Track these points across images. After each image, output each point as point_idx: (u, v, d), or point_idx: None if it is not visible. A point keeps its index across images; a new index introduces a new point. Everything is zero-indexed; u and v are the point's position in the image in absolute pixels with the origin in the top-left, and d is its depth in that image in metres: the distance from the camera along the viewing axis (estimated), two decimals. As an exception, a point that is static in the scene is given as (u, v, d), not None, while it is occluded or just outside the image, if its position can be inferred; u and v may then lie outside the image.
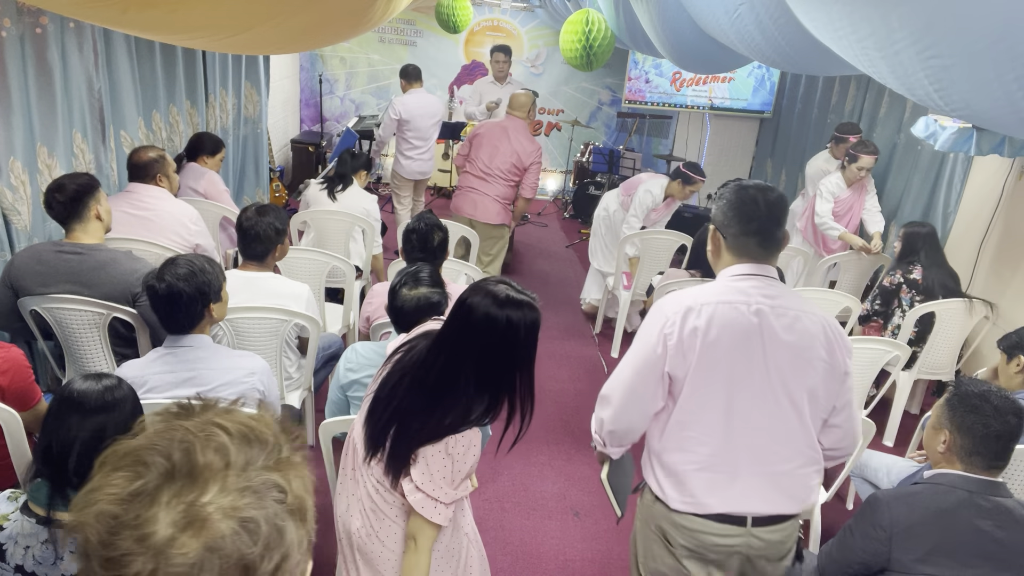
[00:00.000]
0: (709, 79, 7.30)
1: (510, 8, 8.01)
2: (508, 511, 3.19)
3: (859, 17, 1.06)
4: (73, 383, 1.54)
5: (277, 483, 0.70)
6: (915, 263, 3.91)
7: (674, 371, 1.72)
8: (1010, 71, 0.85)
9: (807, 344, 1.71)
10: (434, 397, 1.64)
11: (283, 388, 2.95)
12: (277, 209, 2.95)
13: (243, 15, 2.20)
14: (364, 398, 1.80)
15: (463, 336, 1.64)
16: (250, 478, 0.69)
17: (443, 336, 1.68)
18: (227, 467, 0.69)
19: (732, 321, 1.70)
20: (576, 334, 5.07)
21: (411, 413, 1.65)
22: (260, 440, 0.73)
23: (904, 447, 3.76)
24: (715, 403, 1.72)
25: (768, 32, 1.73)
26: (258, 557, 0.66)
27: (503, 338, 1.61)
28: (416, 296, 2.22)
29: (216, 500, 0.66)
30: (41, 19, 2.98)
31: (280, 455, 0.74)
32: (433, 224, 2.92)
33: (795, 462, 1.75)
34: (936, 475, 1.97)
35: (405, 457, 1.64)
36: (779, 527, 1.77)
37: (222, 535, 0.65)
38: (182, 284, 2.10)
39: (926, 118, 3.46)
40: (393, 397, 1.68)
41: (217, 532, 0.65)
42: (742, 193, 1.76)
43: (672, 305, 1.75)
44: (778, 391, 1.71)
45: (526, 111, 4.82)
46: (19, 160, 2.97)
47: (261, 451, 0.73)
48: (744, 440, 1.73)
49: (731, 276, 1.78)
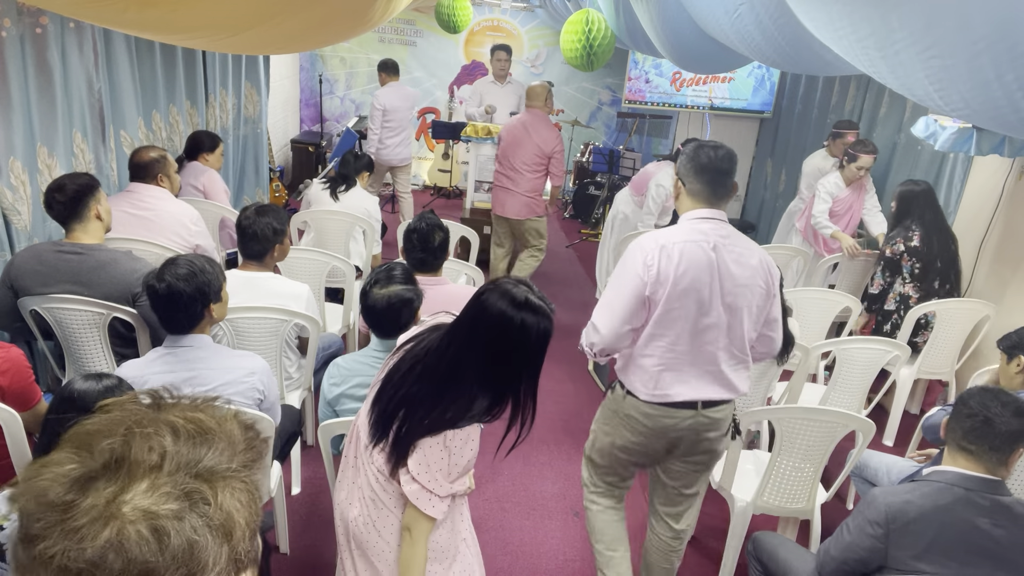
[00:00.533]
0: (709, 79, 7.30)
1: (510, 8, 8.01)
2: (508, 511, 3.19)
3: (859, 17, 1.06)
4: (73, 383, 1.54)
5: (204, 495, 0.67)
6: (913, 227, 3.91)
7: (653, 295, 2.15)
8: (1010, 71, 0.86)
9: (750, 274, 2.18)
10: (440, 388, 1.64)
11: (283, 388, 2.95)
12: (276, 209, 2.95)
13: (243, 15, 2.20)
14: (371, 387, 1.79)
15: (474, 330, 1.64)
16: (178, 483, 0.67)
17: (455, 326, 1.68)
18: (159, 467, 0.67)
19: (696, 255, 2.14)
20: (576, 334, 5.07)
21: (418, 401, 1.65)
22: (210, 444, 0.71)
23: (904, 447, 3.76)
24: (680, 319, 2.16)
25: (768, 32, 1.73)
26: (162, 567, 0.63)
27: (513, 340, 1.61)
28: (387, 294, 2.20)
29: (137, 500, 0.64)
30: (41, 19, 2.98)
31: (228, 464, 0.71)
32: (434, 224, 2.92)
33: (731, 363, 2.25)
34: (934, 472, 1.97)
35: (407, 446, 1.65)
36: (720, 408, 2.29)
37: (128, 537, 0.63)
38: (182, 284, 2.10)
39: (926, 118, 3.46)
40: (402, 385, 1.68)
41: (125, 534, 0.63)
42: (698, 150, 2.23)
43: (650, 243, 2.17)
44: (726, 309, 2.18)
45: (543, 100, 4.95)
46: (19, 160, 2.97)
47: (210, 455, 0.70)
48: (699, 347, 2.20)
49: (692, 219, 2.21)
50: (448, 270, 3.26)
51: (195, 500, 0.67)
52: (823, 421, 2.51)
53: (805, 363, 3.16)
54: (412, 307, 2.24)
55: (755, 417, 2.66)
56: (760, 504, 2.67)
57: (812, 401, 3.30)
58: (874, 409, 3.45)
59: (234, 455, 0.73)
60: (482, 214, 5.93)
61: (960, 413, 1.96)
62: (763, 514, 2.76)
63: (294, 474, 3.14)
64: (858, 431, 2.54)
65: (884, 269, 4.04)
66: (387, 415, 1.68)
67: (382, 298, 2.19)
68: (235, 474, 0.71)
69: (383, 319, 2.22)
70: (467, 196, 6.20)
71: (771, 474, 2.62)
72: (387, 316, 2.20)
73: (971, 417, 1.93)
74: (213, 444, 0.72)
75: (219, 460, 0.71)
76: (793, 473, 2.61)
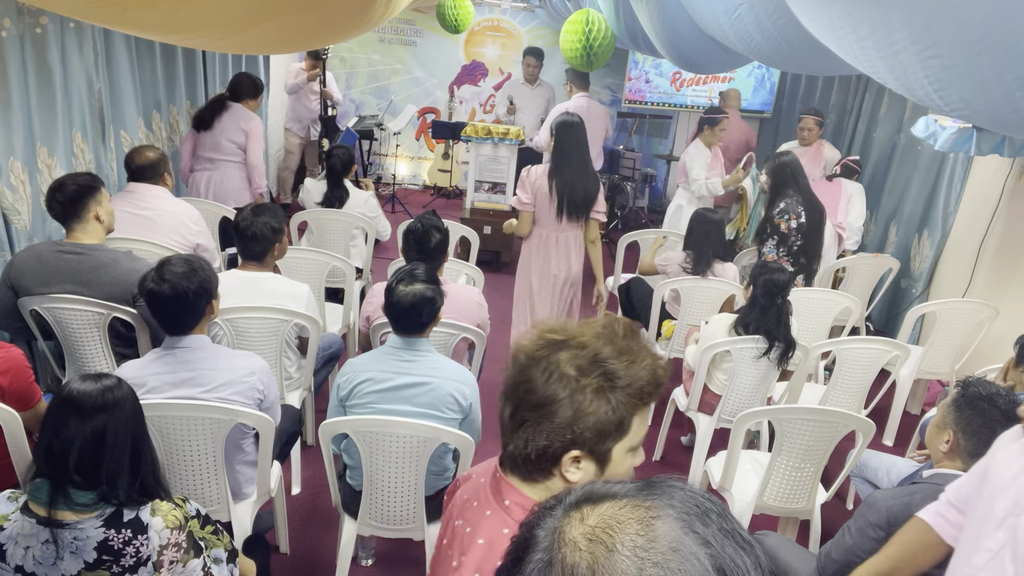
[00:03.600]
0: (709, 79, 7.30)
1: (510, 8, 8.01)
2: (508, 511, 3.18)
3: (859, 17, 1.06)
4: (72, 383, 1.54)
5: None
6: (795, 199, 3.89)
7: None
8: (1010, 71, 0.85)
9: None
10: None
11: (283, 388, 2.95)
12: (274, 208, 2.95)
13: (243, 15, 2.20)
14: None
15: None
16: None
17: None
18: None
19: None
20: (576, 334, 5.06)
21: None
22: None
23: (904, 447, 3.76)
24: None
25: (768, 32, 1.73)
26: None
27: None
28: (412, 292, 2.22)
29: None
30: (41, 19, 2.98)
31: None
32: (432, 225, 2.92)
33: None
34: (935, 475, 1.97)
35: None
36: None
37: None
38: (185, 282, 2.09)
39: (926, 118, 3.46)
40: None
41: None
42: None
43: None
44: None
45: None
46: (19, 160, 2.97)
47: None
48: None
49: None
50: (448, 270, 3.26)
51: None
52: (823, 421, 2.51)
53: (805, 363, 3.16)
54: (434, 306, 2.27)
55: (755, 417, 2.66)
56: (760, 504, 2.67)
57: (812, 401, 3.30)
58: (874, 409, 3.44)
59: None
60: (482, 214, 5.93)
61: (960, 414, 1.96)
62: (763, 514, 2.76)
63: (294, 474, 3.14)
64: (858, 431, 2.54)
65: (779, 244, 3.96)
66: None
67: (406, 296, 2.22)
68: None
69: (406, 316, 2.25)
70: (467, 196, 6.19)
71: (771, 474, 2.62)
72: (410, 313, 2.24)
73: (971, 419, 1.93)
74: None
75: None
76: (793, 473, 2.61)
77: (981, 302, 3.79)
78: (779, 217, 3.93)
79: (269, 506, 2.67)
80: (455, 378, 2.28)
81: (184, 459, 2.18)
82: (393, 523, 2.36)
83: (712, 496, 0.68)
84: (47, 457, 1.51)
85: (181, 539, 1.57)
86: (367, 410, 2.25)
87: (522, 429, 1.09)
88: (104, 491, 1.52)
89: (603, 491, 0.68)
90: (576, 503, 0.68)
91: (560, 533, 0.65)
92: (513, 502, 1.12)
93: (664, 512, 0.64)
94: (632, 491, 0.68)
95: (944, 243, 4.63)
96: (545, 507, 0.71)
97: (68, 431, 1.50)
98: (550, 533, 0.66)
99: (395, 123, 7.41)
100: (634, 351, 1.08)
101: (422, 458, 2.22)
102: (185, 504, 1.63)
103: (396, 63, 8.27)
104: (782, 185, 3.94)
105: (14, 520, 1.51)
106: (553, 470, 1.09)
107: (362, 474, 2.30)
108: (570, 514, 0.67)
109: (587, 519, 0.65)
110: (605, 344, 1.08)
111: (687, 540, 0.62)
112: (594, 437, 1.05)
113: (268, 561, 2.38)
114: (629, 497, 0.67)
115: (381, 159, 8.31)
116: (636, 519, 0.64)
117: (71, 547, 1.49)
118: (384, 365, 2.27)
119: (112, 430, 1.52)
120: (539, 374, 1.07)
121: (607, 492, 0.68)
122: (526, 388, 1.08)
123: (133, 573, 1.52)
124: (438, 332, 2.79)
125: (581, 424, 1.04)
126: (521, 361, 1.10)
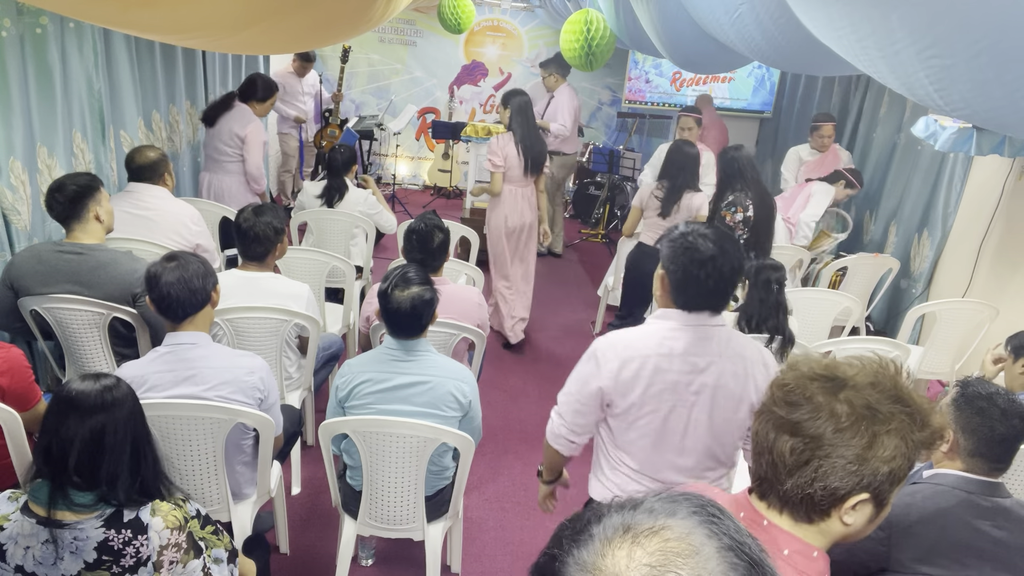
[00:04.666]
0: (709, 79, 7.30)
1: (510, 8, 8.01)
2: (508, 511, 3.19)
3: (859, 17, 1.06)
4: (71, 383, 1.54)
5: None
6: (744, 192, 3.85)
7: (612, 401, 1.88)
8: (1010, 71, 0.85)
9: (734, 389, 1.87)
10: None
11: (283, 388, 2.95)
12: (275, 208, 2.95)
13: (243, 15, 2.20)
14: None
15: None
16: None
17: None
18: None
19: (663, 370, 1.83)
20: (577, 335, 5.07)
21: None
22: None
23: (904, 447, 3.76)
24: (645, 429, 1.90)
25: (768, 32, 1.73)
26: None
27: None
28: (410, 296, 2.21)
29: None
30: (41, 19, 2.98)
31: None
32: (434, 225, 2.92)
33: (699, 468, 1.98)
34: (935, 475, 1.97)
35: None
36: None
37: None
38: (189, 260, 2.16)
39: (926, 118, 3.46)
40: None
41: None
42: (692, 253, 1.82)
43: (609, 354, 1.85)
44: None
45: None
46: (19, 160, 2.97)
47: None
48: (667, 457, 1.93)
49: (667, 328, 1.85)
50: (448, 270, 3.26)
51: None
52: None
53: (805, 363, 3.15)
54: (432, 307, 2.27)
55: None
56: (760, 504, 2.66)
57: (812, 401, 3.28)
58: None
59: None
60: (482, 214, 5.92)
61: (959, 414, 1.96)
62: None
63: (294, 474, 3.14)
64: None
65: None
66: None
67: (406, 300, 2.21)
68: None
69: (407, 320, 2.24)
70: (467, 196, 6.19)
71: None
72: (411, 317, 2.23)
73: (970, 418, 1.93)
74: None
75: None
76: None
77: (981, 302, 3.79)
78: (726, 209, 3.92)
79: (269, 506, 2.67)
80: (454, 376, 2.28)
81: (184, 459, 2.18)
82: (393, 523, 2.37)
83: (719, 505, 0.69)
84: (46, 457, 1.51)
85: (181, 539, 1.57)
86: (367, 411, 2.25)
87: (807, 467, 1.05)
88: (104, 491, 1.52)
89: (645, 521, 0.67)
90: (614, 535, 0.66)
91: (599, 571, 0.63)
92: (793, 551, 1.10)
93: (701, 541, 0.64)
94: (658, 508, 0.67)
95: (944, 243, 4.63)
96: (571, 534, 0.70)
97: (67, 431, 1.50)
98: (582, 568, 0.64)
99: (395, 123, 7.41)
100: (915, 396, 1.07)
101: (422, 458, 2.22)
102: (185, 504, 1.63)
103: (396, 63, 8.28)
104: (731, 178, 3.92)
105: (14, 520, 1.51)
106: (832, 511, 1.08)
107: (362, 474, 2.30)
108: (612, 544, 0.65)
109: (635, 554, 0.63)
110: (893, 384, 1.06)
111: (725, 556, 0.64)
112: (887, 481, 1.03)
113: (268, 561, 2.38)
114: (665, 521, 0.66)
115: (381, 159, 8.31)
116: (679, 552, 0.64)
117: (71, 547, 1.49)
118: (383, 365, 2.27)
119: (111, 430, 1.52)
120: (836, 410, 1.04)
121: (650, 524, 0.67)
122: (818, 424, 1.04)
123: (133, 573, 1.52)
124: (439, 332, 2.79)
125: (878, 467, 1.02)
126: (811, 395, 1.07)
